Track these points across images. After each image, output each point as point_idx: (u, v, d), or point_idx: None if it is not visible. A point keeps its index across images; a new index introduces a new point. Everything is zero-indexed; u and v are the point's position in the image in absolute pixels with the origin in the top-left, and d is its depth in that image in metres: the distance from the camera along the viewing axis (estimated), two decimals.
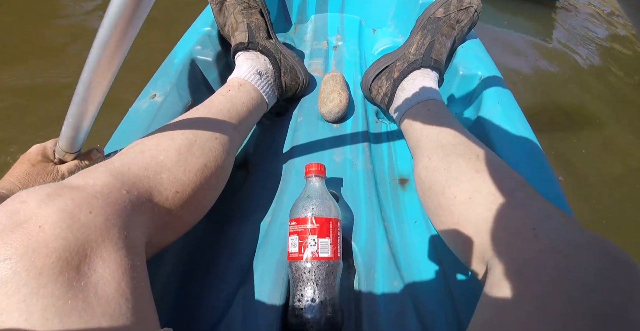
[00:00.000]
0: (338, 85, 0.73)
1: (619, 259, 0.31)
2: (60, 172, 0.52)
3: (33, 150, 0.51)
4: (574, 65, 2.01)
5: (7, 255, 0.27)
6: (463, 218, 0.44)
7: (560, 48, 2.12)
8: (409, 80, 0.69)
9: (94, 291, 0.29)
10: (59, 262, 0.28)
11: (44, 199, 0.30)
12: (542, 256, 0.33)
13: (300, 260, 0.48)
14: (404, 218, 0.63)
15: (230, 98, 0.58)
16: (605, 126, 1.61)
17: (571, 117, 1.63)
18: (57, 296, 0.27)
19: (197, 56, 0.73)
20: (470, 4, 0.72)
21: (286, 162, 0.67)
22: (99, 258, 0.30)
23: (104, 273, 0.30)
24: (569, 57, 2.06)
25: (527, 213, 0.38)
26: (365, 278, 0.52)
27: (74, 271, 0.28)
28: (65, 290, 0.27)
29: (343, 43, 0.95)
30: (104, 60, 0.34)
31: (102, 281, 0.29)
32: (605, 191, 1.33)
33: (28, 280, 0.26)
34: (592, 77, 1.92)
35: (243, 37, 0.68)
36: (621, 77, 1.94)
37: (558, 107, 1.69)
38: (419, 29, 0.74)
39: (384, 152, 0.74)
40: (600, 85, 1.88)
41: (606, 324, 0.28)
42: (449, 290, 0.54)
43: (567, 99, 1.75)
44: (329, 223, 0.50)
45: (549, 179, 0.55)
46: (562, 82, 1.86)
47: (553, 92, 1.77)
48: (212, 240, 0.59)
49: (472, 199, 0.43)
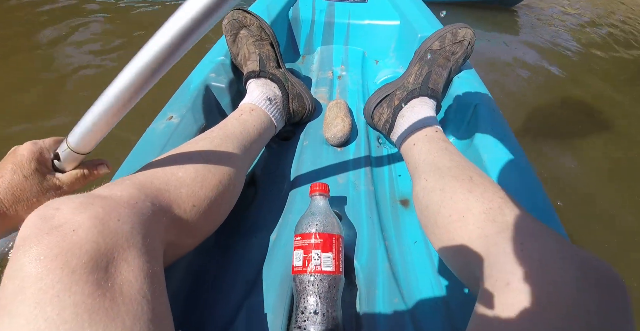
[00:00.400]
0: (342, 112, 0.77)
1: (602, 271, 0.34)
2: (60, 186, 0.44)
3: (26, 153, 0.41)
4: (545, 69, 2.05)
5: (43, 253, 0.29)
6: (457, 235, 0.47)
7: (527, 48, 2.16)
8: (408, 108, 0.73)
9: (119, 291, 0.31)
10: (90, 263, 0.30)
11: (77, 207, 0.34)
12: (529, 270, 0.36)
13: (304, 273, 0.51)
14: (404, 238, 0.66)
15: (242, 122, 0.62)
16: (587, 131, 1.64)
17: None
18: (88, 293, 0.29)
19: (211, 82, 0.79)
20: (464, 38, 0.78)
21: (292, 182, 0.70)
22: (125, 262, 0.33)
23: (128, 275, 0.32)
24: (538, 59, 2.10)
25: (516, 231, 0.40)
26: (366, 295, 0.54)
27: (102, 272, 0.31)
28: (95, 288, 0.30)
29: (347, 73, 1.01)
30: (157, 59, 0.34)
31: (127, 283, 0.32)
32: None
33: (62, 277, 0.29)
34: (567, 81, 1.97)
35: (255, 66, 0.74)
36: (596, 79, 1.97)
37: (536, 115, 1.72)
38: (416, 61, 0.79)
39: (385, 174, 0.78)
40: (576, 89, 1.93)
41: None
42: (448, 307, 0.56)
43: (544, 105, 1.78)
44: (332, 238, 0.53)
45: (539, 197, 0.58)
46: (537, 88, 1.90)
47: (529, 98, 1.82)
48: (221, 253, 0.61)
49: (465, 218, 0.46)
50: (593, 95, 1.82)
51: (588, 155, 1.48)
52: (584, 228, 1.19)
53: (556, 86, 1.92)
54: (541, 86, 1.89)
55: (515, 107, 1.69)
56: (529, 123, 1.61)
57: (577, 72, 2.03)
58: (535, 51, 2.18)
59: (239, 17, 0.77)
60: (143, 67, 0.35)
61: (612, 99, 1.83)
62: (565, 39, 2.34)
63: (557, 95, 1.82)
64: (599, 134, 1.59)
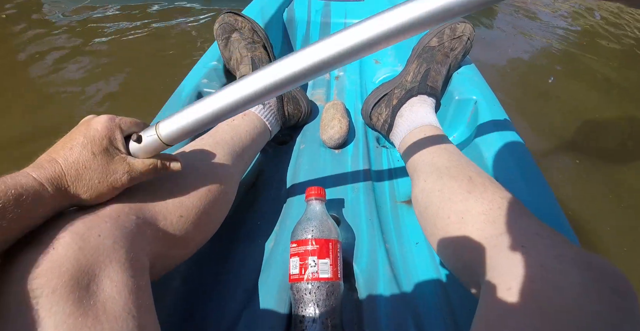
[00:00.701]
0: (339, 113, 0.76)
1: (605, 271, 0.32)
2: (129, 172, 0.38)
3: (100, 128, 0.37)
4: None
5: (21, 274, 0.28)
6: (457, 237, 0.45)
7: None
8: (407, 106, 0.72)
9: (102, 309, 0.30)
10: (70, 282, 0.29)
11: (57, 222, 0.33)
12: (531, 272, 0.34)
13: (301, 281, 0.49)
14: (405, 240, 0.64)
15: (234, 127, 0.61)
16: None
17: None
18: (69, 313, 0.28)
19: (203, 89, 0.77)
20: (462, 33, 0.76)
21: (290, 187, 0.69)
22: (107, 278, 0.32)
23: (111, 292, 0.31)
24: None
25: (516, 232, 0.39)
26: (366, 299, 0.52)
27: (84, 290, 0.30)
28: (76, 307, 0.29)
29: (344, 73, 0.99)
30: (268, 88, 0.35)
31: (110, 300, 0.31)
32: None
33: (42, 298, 0.28)
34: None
35: (247, 69, 0.72)
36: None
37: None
38: (414, 58, 0.78)
39: (384, 175, 0.76)
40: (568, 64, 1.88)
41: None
42: (451, 310, 0.54)
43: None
44: (328, 244, 0.51)
45: (546, 195, 0.56)
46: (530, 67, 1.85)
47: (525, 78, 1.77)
48: (218, 263, 0.60)
49: (464, 219, 0.45)
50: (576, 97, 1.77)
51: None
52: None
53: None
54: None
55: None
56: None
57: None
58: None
59: (230, 20, 0.76)
60: (254, 90, 0.35)
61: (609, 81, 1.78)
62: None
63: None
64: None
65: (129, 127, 0.39)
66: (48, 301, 0.28)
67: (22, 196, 0.30)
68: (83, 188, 0.35)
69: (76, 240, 0.31)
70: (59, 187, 0.33)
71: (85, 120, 0.39)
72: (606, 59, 1.95)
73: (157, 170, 0.41)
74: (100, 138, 0.36)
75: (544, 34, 2.19)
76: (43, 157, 0.35)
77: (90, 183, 0.35)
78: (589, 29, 2.31)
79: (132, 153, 0.39)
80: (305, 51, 0.33)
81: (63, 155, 0.35)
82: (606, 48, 2.08)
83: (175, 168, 0.43)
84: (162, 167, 0.41)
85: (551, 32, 2.21)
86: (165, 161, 0.42)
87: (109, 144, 0.37)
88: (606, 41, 2.14)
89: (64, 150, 0.35)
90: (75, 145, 0.35)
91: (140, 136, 0.39)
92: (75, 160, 0.35)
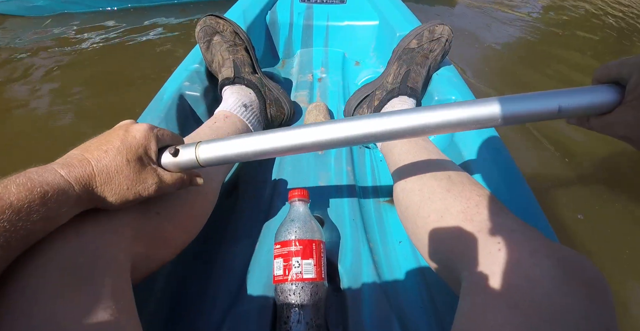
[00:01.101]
0: (321, 114, 0.76)
1: (577, 264, 0.33)
2: (158, 183, 0.38)
3: (139, 137, 0.37)
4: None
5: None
6: (437, 236, 0.46)
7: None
8: (388, 107, 0.73)
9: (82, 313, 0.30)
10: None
11: None
12: (507, 267, 0.35)
13: (285, 282, 0.50)
14: (389, 238, 0.65)
15: (215, 130, 0.61)
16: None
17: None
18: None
19: (185, 92, 0.77)
20: (441, 35, 0.77)
21: (273, 188, 0.69)
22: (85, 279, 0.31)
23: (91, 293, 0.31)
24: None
25: (493, 229, 0.40)
26: (351, 298, 0.53)
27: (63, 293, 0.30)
28: (54, 311, 0.28)
29: (327, 75, 1.00)
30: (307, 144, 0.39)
31: (90, 303, 0.31)
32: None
33: None
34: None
35: (229, 72, 0.72)
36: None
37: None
38: (395, 60, 0.79)
39: (367, 176, 0.77)
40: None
41: (568, 328, 0.29)
42: (435, 307, 0.55)
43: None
44: (312, 244, 0.52)
45: (523, 191, 0.57)
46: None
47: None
48: (201, 266, 0.60)
49: (443, 217, 0.45)
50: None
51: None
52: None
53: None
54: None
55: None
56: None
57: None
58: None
59: (211, 23, 0.76)
60: (301, 142, 0.39)
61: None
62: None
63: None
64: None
65: (165, 138, 0.40)
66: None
67: (47, 194, 0.29)
68: (110, 192, 0.35)
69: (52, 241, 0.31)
70: (86, 188, 0.33)
71: (123, 125, 0.39)
72: (583, 49, 2.00)
73: (183, 183, 0.42)
74: (137, 146, 0.36)
75: (521, 23, 2.23)
76: (73, 155, 0.34)
77: (119, 188, 0.35)
78: (567, 20, 2.36)
79: (162, 164, 0.40)
80: (357, 122, 0.38)
81: (97, 156, 0.34)
82: (584, 38, 2.13)
83: (199, 183, 0.44)
84: (187, 182, 0.42)
85: (529, 23, 2.26)
86: (190, 177, 0.43)
87: (144, 153, 0.37)
88: (584, 31, 2.20)
89: (98, 151, 0.35)
90: (110, 149, 0.35)
91: (177, 150, 0.40)
92: (108, 164, 0.34)
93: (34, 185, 0.29)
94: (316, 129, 0.38)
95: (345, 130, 0.38)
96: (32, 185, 0.29)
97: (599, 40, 2.11)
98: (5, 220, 0.26)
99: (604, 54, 1.97)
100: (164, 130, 0.41)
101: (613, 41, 2.12)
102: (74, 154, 0.35)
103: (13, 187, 0.28)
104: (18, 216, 0.27)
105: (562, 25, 2.25)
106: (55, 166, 0.32)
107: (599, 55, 1.93)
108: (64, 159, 0.34)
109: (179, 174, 0.41)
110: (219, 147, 0.40)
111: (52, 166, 0.32)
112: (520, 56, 1.92)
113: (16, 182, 0.28)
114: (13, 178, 0.29)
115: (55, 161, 0.33)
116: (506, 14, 2.33)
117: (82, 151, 0.35)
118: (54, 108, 1.40)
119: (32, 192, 0.28)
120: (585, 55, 1.92)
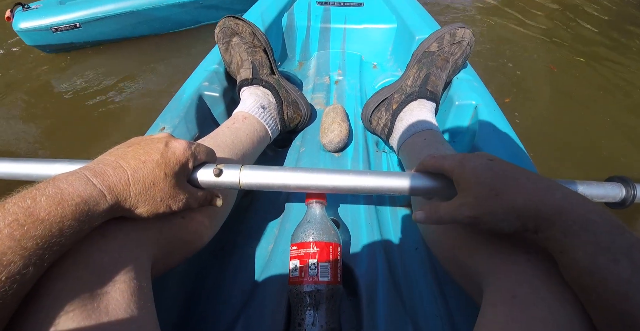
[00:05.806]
0: (338, 117, 0.76)
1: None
2: (187, 199, 0.39)
3: (178, 153, 0.38)
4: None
5: None
6: (457, 242, 0.45)
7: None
8: (406, 111, 0.72)
9: (105, 312, 0.30)
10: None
11: None
12: (535, 280, 0.34)
13: (300, 284, 0.49)
14: (405, 244, 0.64)
15: (234, 131, 0.61)
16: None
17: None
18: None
19: (204, 92, 0.78)
20: (462, 38, 0.76)
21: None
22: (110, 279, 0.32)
23: (115, 294, 0.31)
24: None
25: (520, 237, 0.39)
26: (366, 304, 0.52)
27: (88, 292, 0.30)
28: (80, 311, 0.29)
29: (344, 77, 1.00)
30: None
31: (113, 302, 0.31)
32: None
33: None
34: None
35: (248, 73, 0.72)
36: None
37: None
38: (414, 63, 0.78)
39: None
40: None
41: None
42: (450, 317, 0.54)
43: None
44: (329, 247, 0.51)
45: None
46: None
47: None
48: (216, 264, 0.60)
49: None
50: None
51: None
52: None
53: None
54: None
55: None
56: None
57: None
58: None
59: (230, 24, 0.76)
60: (337, 183, 0.44)
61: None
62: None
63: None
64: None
65: (201, 156, 0.41)
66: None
67: (79, 206, 0.28)
68: (143, 203, 0.35)
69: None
70: (118, 197, 0.33)
71: (162, 138, 0.39)
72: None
73: (206, 202, 0.43)
74: (176, 163, 0.37)
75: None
76: (107, 161, 0.34)
77: (153, 200, 0.35)
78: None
79: (194, 182, 0.41)
80: (387, 178, 0.45)
81: (134, 166, 0.34)
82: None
83: (218, 205, 0.44)
84: (209, 201, 0.43)
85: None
86: (211, 195, 0.43)
87: (181, 170, 0.38)
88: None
89: (135, 161, 0.34)
90: (149, 161, 0.35)
91: (221, 170, 0.41)
92: (146, 175, 0.34)
93: (65, 197, 0.28)
94: (362, 178, 0.44)
95: (381, 181, 0.44)
96: (62, 197, 0.28)
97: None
98: (38, 237, 0.26)
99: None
100: (201, 147, 0.41)
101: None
102: (107, 160, 0.34)
103: (43, 199, 0.27)
104: (50, 232, 0.26)
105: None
106: (86, 172, 0.31)
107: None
108: (96, 165, 0.33)
109: (204, 192, 0.42)
110: (264, 175, 0.43)
111: (83, 172, 0.31)
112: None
113: (45, 193, 0.27)
114: (42, 187, 0.28)
115: (86, 166, 0.33)
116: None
117: (117, 158, 0.34)
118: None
119: (63, 205, 0.27)
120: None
